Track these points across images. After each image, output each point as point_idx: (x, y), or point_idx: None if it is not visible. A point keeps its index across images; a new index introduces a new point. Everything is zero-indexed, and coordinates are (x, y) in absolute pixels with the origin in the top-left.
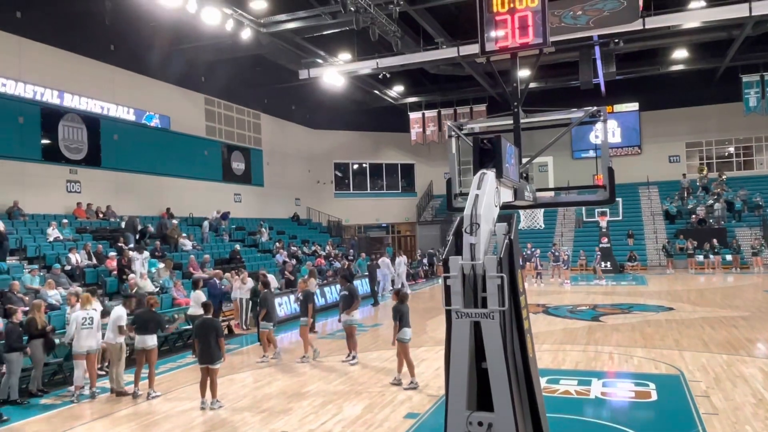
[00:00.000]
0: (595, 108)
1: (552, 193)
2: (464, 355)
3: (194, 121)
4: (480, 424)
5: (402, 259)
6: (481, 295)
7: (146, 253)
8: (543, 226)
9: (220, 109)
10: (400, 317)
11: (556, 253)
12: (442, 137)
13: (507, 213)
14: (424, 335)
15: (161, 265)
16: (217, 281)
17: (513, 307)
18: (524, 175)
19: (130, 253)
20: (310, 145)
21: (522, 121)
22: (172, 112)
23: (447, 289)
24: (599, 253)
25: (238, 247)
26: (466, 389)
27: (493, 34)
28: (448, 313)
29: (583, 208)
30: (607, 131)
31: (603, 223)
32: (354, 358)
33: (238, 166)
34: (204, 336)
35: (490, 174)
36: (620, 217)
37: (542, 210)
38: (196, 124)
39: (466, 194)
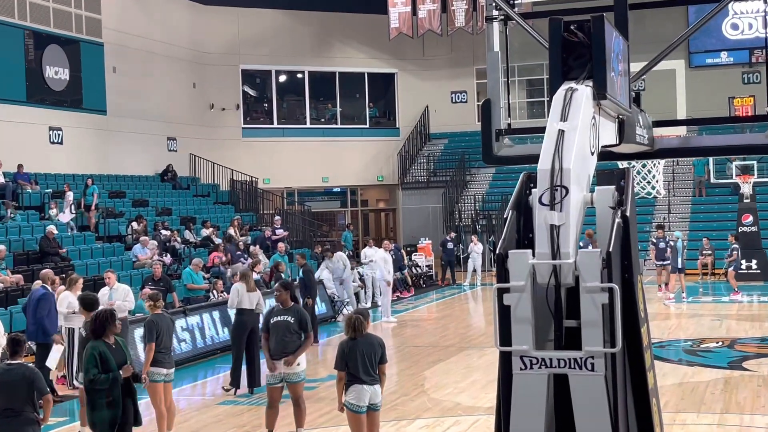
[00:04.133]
0: None
1: (684, 131)
2: None
3: None
4: None
5: (384, 255)
6: (568, 324)
7: None
8: (664, 192)
9: None
10: (346, 364)
11: (662, 244)
12: (448, 22)
13: (611, 167)
14: (423, 396)
15: None
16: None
17: (629, 347)
18: (633, 96)
19: None
20: (196, 34)
21: None
22: None
23: (503, 313)
24: (736, 245)
25: (54, 229)
26: None
27: None
28: (506, 359)
29: (711, 161)
30: None
31: (746, 188)
32: None
33: (56, 74)
34: (9, 397)
35: (584, 91)
36: None
37: (661, 163)
38: None
39: (519, 131)
